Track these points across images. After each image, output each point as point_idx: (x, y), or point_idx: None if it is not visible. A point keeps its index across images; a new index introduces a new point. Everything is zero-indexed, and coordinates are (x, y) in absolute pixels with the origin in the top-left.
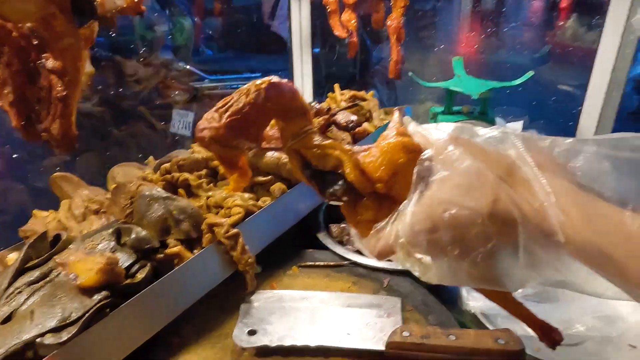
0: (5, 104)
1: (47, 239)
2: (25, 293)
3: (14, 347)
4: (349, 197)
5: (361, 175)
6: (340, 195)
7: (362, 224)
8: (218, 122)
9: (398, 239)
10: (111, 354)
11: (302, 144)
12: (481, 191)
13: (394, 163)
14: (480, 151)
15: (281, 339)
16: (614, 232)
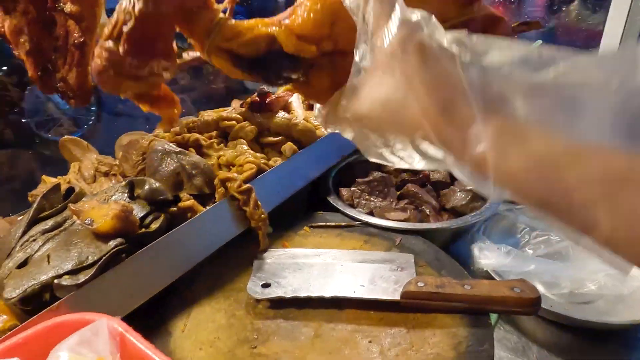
0: (21, 52)
1: (60, 191)
2: (40, 241)
3: (31, 287)
4: (299, 72)
5: (299, 41)
6: (289, 73)
7: (324, 93)
8: (117, 52)
9: (344, 114)
10: (126, 300)
11: (220, 37)
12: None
13: (328, 10)
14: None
15: (296, 290)
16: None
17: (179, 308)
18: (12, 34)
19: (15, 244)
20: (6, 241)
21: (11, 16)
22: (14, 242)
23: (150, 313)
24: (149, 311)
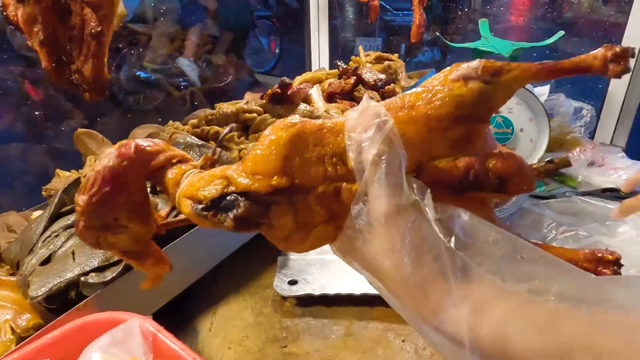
0: (35, 43)
1: (80, 185)
2: (62, 236)
3: (57, 285)
4: (256, 212)
5: (250, 177)
6: (243, 213)
7: (291, 237)
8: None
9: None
10: (153, 298)
11: (190, 189)
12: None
13: (276, 145)
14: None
15: (324, 287)
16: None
17: (204, 305)
18: (25, 23)
19: (37, 240)
20: (27, 237)
21: (24, 4)
22: (36, 238)
23: (175, 310)
24: (174, 308)
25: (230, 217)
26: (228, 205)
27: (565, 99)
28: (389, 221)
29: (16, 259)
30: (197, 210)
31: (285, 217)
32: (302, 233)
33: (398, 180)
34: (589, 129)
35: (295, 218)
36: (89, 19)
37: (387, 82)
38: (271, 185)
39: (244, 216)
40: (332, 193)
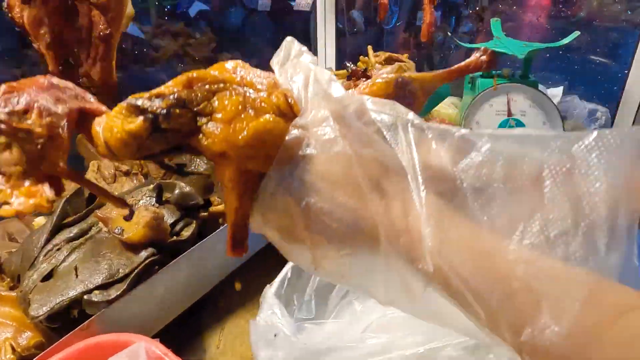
0: (41, 45)
1: (83, 195)
2: (64, 250)
3: (59, 303)
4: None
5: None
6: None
7: (235, 122)
8: None
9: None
10: (159, 315)
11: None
12: (344, 190)
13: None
14: (360, 138)
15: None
16: (486, 270)
17: (212, 321)
18: (31, 25)
19: (38, 253)
20: (28, 249)
21: (30, 5)
22: (37, 251)
23: (182, 327)
24: (180, 325)
25: (165, 98)
26: (163, 96)
27: (580, 101)
28: (337, 113)
29: (17, 271)
30: (130, 101)
31: (232, 98)
32: (250, 117)
33: (332, 83)
34: None
35: (244, 100)
36: (97, 21)
37: None
38: (221, 76)
39: (183, 98)
40: (283, 100)
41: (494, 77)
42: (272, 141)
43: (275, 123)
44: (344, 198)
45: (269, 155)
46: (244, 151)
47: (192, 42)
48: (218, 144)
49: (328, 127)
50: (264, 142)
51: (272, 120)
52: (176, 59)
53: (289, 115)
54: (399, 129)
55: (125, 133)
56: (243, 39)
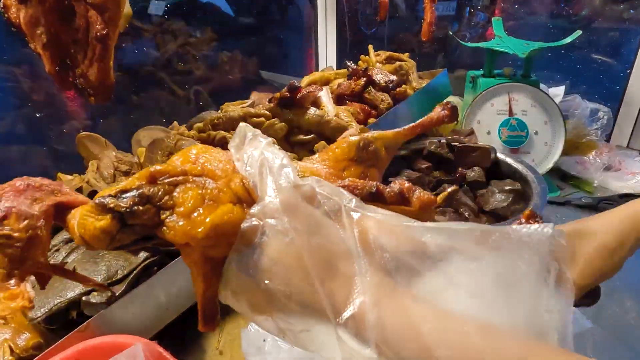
0: (38, 46)
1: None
2: (63, 251)
3: (57, 305)
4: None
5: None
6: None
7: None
8: None
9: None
10: (157, 316)
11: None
12: (297, 275)
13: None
14: (309, 226)
15: None
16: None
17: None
18: (27, 25)
19: None
20: None
21: (27, 5)
22: None
23: (181, 328)
24: (180, 326)
25: (129, 195)
26: (128, 192)
27: (581, 100)
28: (287, 203)
29: None
30: (98, 200)
31: (192, 190)
32: (208, 209)
33: (284, 170)
34: (606, 131)
35: (203, 192)
36: (94, 21)
37: (398, 83)
38: (182, 169)
39: (146, 195)
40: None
41: (495, 77)
42: (231, 230)
43: (232, 213)
44: (297, 282)
45: (230, 243)
46: (204, 242)
47: (192, 41)
48: (180, 236)
49: (279, 219)
50: (223, 232)
51: (228, 211)
52: (176, 57)
53: (247, 201)
54: (343, 215)
55: (97, 230)
56: (244, 37)
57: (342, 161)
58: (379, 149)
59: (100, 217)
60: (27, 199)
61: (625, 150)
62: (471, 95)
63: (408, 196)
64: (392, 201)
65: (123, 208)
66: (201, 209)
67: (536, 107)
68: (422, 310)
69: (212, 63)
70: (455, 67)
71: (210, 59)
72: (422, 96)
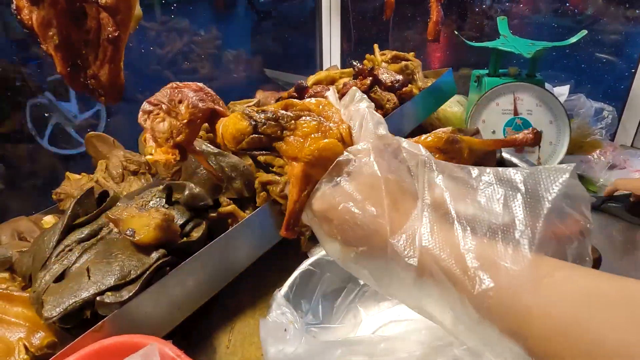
0: (49, 47)
1: (93, 195)
2: (76, 251)
3: (72, 304)
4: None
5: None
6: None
7: (309, 137)
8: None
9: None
10: (170, 316)
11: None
12: (371, 201)
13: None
14: (390, 167)
15: None
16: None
17: (222, 320)
18: (40, 27)
19: (49, 254)
20: (39, 250)
21: (39, 7)
22: (49, 252)
23: (192, 326)
24: (191, 324)
25: (266, 113)
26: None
27: (586, 100)
28: (377, 147)
29: (28, 272)
30: (245, 110)
31: (311, 122)
32: (319, 138)
33: (380, 124)
34: (610, 130)
35: (319, 126)
36: (105, 23)
37: (404, 83)
38: (308, 107)
39: (277, 116)
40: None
41: (500, 76)
42: (329, 157)
43: (334, 145)
44: (370, 207)
45: (326, 167)
46: (309, 159)
47: (197, 40)
48: (291, 151)
49: (367, 157)
50: (323, 156)
51: (331, 142)
52: (181, 56)
53: (347, 143)
54: (419, 167)
55: (235, 130)
56: (249, 37)
57: (430, 147)
58: (464, 149)
59: (241, 122)
60: (198, 96)
61: (630, 149)
62: (476, 95)
63: None
64: None
65: (259, 119)
66: (314, 135)
67: (541, 107)
68: (464, 238)
69: (217, 61)
70: (460, 65)
71: (215, 57)
72: (428, 95)
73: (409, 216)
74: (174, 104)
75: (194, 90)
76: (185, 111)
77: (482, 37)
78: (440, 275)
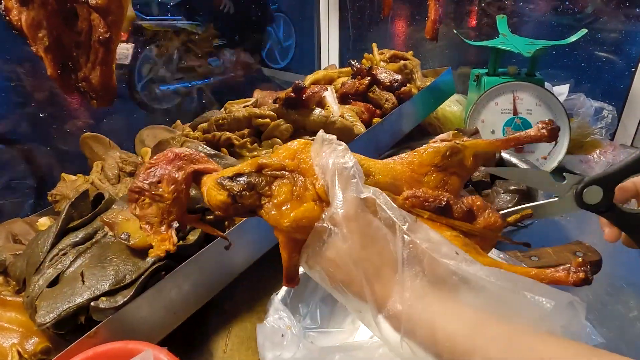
0: (40, 49)
1: (88, 198)
2: (70, 255)
3: (66, 310)
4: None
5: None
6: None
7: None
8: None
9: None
10: (166, 321)
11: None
12: (350, 271)
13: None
14: (367, 235)
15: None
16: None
17: (219, 324)
18: (29, 28)
19: (43, 258)
20: (33, 253)
21: (29, 8)
22: (43, 256)
23: (189, 330)
24: (188, 328)
25: (240, 181)
26: (241, 176)
27: (586, 99)
28: (348, 215)
29: (22, 275)
30: (219, 180)
31: (285, 187)
32: (294, 204)
33: (351, 181)
34: (610, 130)
35: (292, 189)
36: (96, 25)
37: (403, 82)
38: (282, 164)
39: (252, 183)
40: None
41: (500, 75)
42: (307, 225)
43: (310, 212)
44: (351, 277)
45: (308, 232)
46: (288, 230)
47: (194, 38)
48: (272, 222)
49: (341, 228)
50: (302, 225)
51: (309, 209)
52: (178, 55)
53: (325, 200)
54: (397, 232)
55: (218, 201)
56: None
57: (426, 166)
58: (466, 158)
59: (221, 193)
60: (174, 167)
61: (630, 148)
62: (475, 94)
63: (476, 215)
64: (458, 217)
65: (235, 191)
66: (289, 205)
67: (541, 106)
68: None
69: (214, 61)
70: (460, 64)
71: (212, 56)
72: (427, 95)
73: (392, 288)
74: (153, 187)
75: (167, 162)
76: (165, 191)
77: (481, 35)
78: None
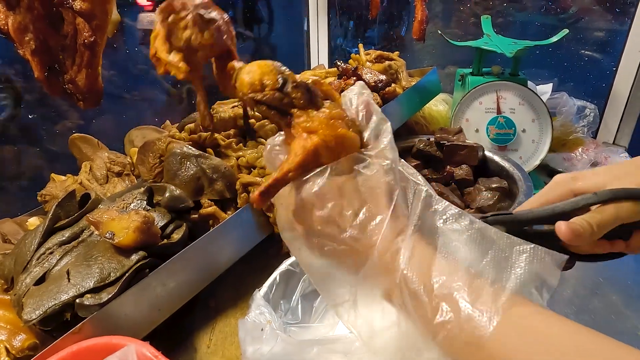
0: (26, 52)
1: (75, 198)
2: (57, 254)
3: (52, 307)
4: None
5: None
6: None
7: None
8: None
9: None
10: (150, 317)
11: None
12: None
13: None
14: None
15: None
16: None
17: (203, 320)
18: (16, 32)
19: (31, 257)
20: (21, 252)
21: (15, 12)
22: (30, 255)
23: (174, 325)
24: (172, 324)
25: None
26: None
27: (569, 98)
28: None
29: (10, 274)
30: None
31: (337, 109)
32: (339, 125)
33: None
34: (592, 128)
35: (344, 116)
36: (81, 29)
37: (387, 83)
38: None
39: (309, 86)
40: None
41: (484, 75)
42: (347, 148)
43: (356, 140)
44: (367, 210)
45: (338, 156)
46: (329, 138)
47: None
48: (313, 123)
49: (387, 164)
50: (342, 144)
51: (355, 137)
52: None
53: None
54: (415, 194)
55: (262, 77)
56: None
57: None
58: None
59: (273, 71)
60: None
61: (611, 146)
62: (460, 94)
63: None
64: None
65: (289, 78)
66: (336, 121)
67: (524, 105)
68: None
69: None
70: (446, 64)
71: None
72: (412, 95)
73: (400, 233)
74: (205, 14)
75: (223, 21)
76: (209, 34)
77: (467, 35)
78: (407, 298)
